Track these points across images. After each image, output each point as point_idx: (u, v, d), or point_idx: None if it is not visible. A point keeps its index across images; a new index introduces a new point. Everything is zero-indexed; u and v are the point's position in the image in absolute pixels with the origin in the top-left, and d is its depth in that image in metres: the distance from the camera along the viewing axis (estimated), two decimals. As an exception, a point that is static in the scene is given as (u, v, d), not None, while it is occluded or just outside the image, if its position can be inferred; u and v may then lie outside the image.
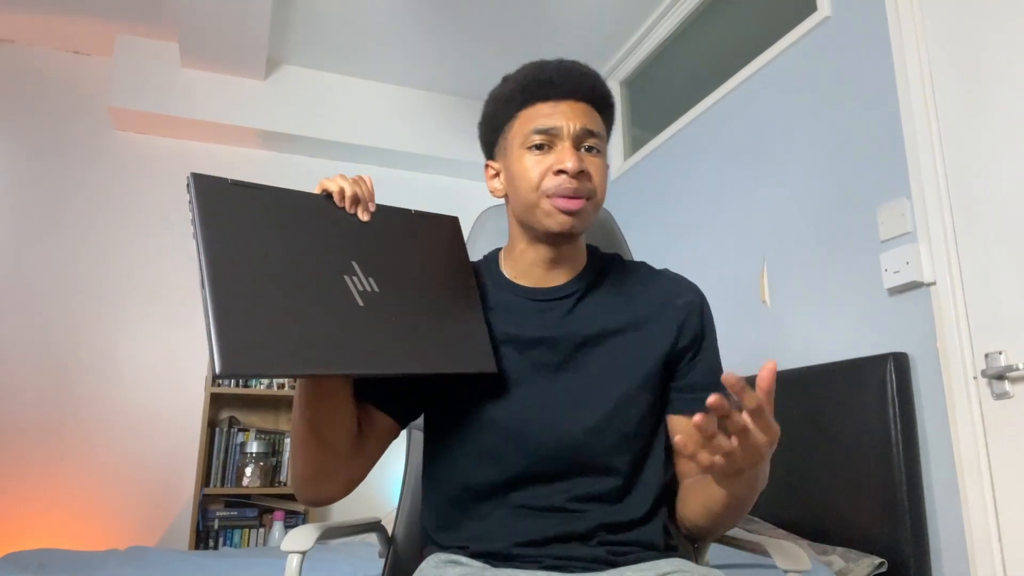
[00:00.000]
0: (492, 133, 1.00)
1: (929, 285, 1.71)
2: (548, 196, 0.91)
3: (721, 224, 2.54)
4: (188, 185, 0.78)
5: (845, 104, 2.02)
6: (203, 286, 0.72)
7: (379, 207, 0.91)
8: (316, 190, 0.88)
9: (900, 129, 1.81)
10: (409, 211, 0.94)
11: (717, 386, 0.97)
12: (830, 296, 2.01)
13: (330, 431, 0.87)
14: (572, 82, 0.93)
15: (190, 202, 0.77)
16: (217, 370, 0.68)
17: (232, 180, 0.80)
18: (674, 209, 2.86)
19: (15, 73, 3.23)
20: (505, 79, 0.99)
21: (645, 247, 3.01)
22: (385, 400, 0.94)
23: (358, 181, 0.90)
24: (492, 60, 3.38)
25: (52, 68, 3.29)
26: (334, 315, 0.79)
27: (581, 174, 0.90)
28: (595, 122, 0.94)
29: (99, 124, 3.30)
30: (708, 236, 2.61)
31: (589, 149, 0.93)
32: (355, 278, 0.83)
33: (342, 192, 0.87)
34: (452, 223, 0.99)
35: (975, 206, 1.64)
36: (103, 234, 3.21)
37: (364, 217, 0.89)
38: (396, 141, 3.59)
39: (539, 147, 0.92)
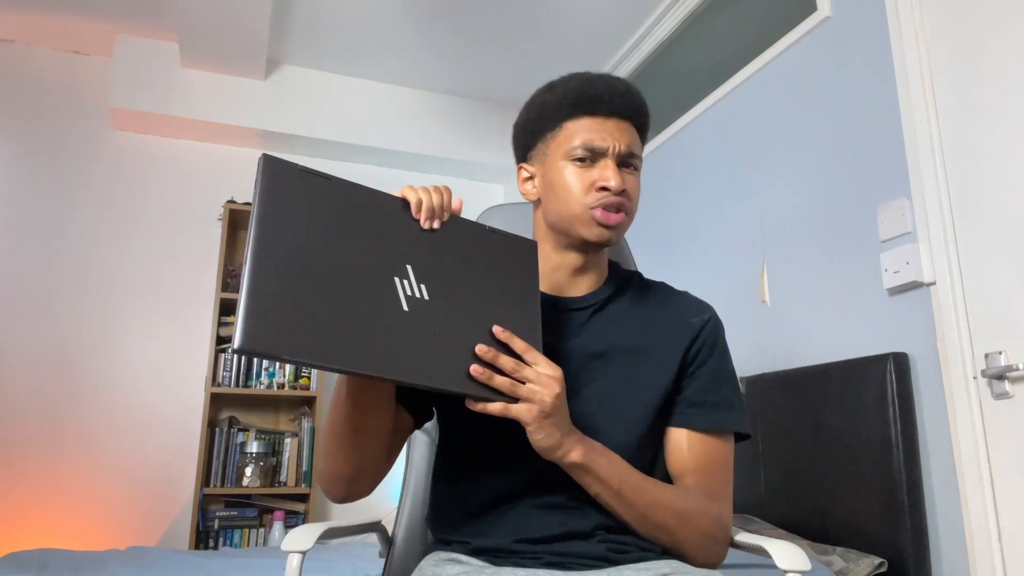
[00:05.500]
0: (531, 138, 1.02)
1: (929, 285, 1.71)
2: (591, 208, 0.94)
3: (721, 223, 2.54)
4: (258, 165, 0.77)
5: (845, 104, 2.02)
6: (244, 262, 0.72)
7: (453, 219, 0.87)
8: (398, 193, 0.85)
9: (900, 129, 1.81)
10: (484, 227, 0.90)
11: (716, 404, 0.97)
12: (830, 296, 2.01)
13: (371, 429, 0.88)
14: (620, 101, 0.97)
15: (256, 182, 0.76)
16: (235, 345, 0.67)
17: (301, 167, 0.79)
18: (674, 208, 2.86)
19: (15, 73, 3.23)
20: (551, 87, 1.01)
21: (645, 247, 3.00)
22: (413, 401, 0.96)
23: (438, 191, 0.87)
24: (492, 60, 3.38)
25: (52, 68, 3.29)
26: (372, 313, 0.76)
27: (622, 192, 0.95)
28: (636, 142, 0.99)
29: (99, 124, 3.30)
30: (708, 235, 2.61)
31: (629, 167, 0.98)
32: (406, 281, 0.80)
33: (419, 203, 0.85)
34: (530, 248, 0.93)
35: (975, 206, 1.63)
36: (103, 234, 3.21)
37: (434, 225, 0.85)
38: (396, 141, 3.59)
39: (582, 160, 0.96)
